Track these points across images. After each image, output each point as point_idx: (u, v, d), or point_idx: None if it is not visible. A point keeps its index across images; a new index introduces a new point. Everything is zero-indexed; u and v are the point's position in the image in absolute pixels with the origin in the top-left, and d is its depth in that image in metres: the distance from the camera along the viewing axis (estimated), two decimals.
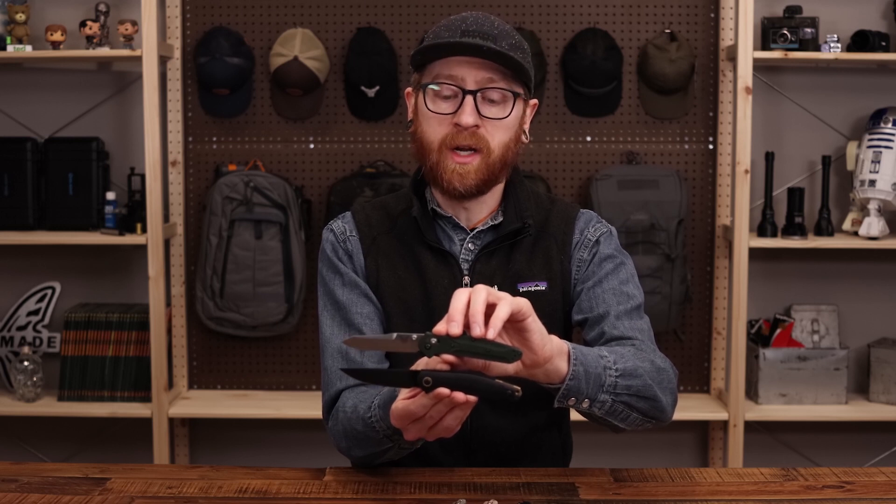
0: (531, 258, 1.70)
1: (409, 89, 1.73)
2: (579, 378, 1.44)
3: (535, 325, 1.37)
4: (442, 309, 1.65)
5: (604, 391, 1.47)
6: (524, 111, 1.69)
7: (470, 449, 1.70)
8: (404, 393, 1.40)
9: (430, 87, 1.63)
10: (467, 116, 1.60)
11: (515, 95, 1.64)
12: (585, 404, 1.47)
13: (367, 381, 1.58)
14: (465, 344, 1.32)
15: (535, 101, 1.72)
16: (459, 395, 1.33)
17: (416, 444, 1.52)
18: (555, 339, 1.42)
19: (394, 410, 1.41)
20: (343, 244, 1.74)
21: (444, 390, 1.32)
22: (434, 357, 1.35)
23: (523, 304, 1.35)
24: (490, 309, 1.33)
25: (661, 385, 1.55)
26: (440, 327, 1.32)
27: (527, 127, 1.72)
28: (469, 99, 1.61)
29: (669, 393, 1.57)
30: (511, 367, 1.37)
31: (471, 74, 1.61)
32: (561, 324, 1.71)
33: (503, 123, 1.64)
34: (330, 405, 1.68)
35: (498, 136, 1.64)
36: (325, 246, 1.76)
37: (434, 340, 1.32)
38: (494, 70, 1.61)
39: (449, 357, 1.33)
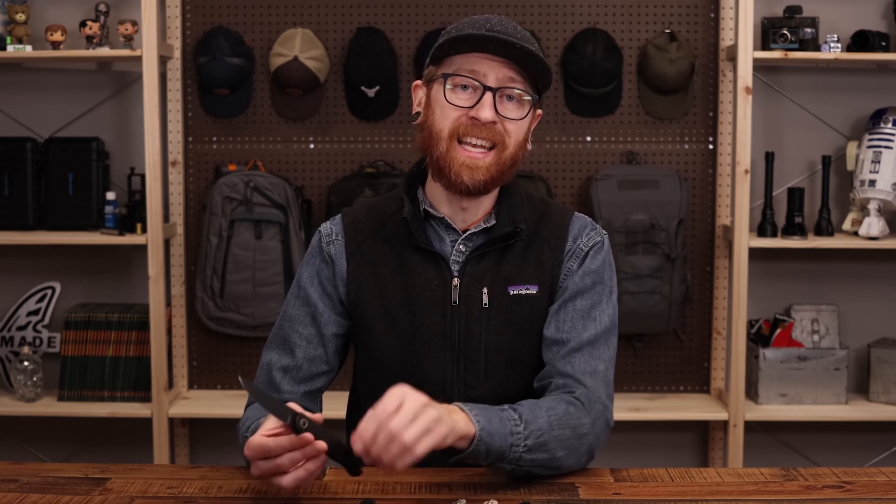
0: (523, 262, 1.70)
1: (417, 82, 1.72)
2: (478, 454, 1.46)
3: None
4: (426, 310, 1.67)
5: (505, 462, 1.50)
6: (532, 119, 1.70)
7: None
8: (266, 430, 1.42)
9: (452, 78, 1.62)
10: (486, 112, 1.61)
11: (533, 99, 1.65)
12: (484, 464, 1.50)
13: (256, 399, 1.61)
14: (330, 439, 1.40)
15: (539, 111, 1.73)
16: (321, 444, 1.38)
17: None
18: (460, 423, 1.42)
19: (250, 442, 1.43)
20: (327, 246, 1.75)
21: (309, 435, 1.38)
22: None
23: (443, 437, 1.39)
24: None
25: (575, 451, 1.56)
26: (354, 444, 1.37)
27: (530, 136, 1.72)
28: (489, 95, 1.61)
29: (585, 454, 1.58)
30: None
31: (493, 71, 1.61)
32: None
33: (517, 124, 1.64)
34: (245, 411, 1.73)
35: (513, 136, 1.65)
36: (308, 249, 1.79)
37: (306, 421, 1.39)
38: (515, 71, 1.62)
39: (310, 437, 1.39)
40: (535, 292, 1.69)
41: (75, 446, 3.36)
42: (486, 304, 1.67)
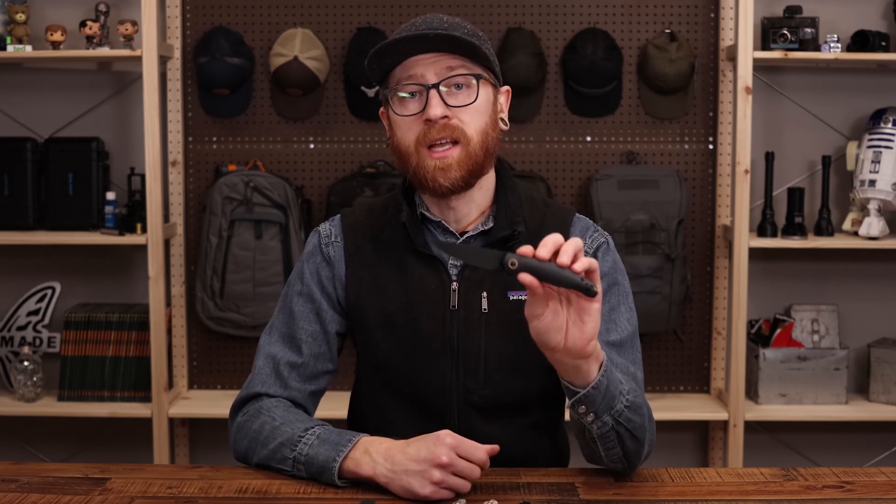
0: None
1: (381, 109, 1.71)
2: (600, 390, 1.45)
3: (597, 312, 1.37)
4: (425, 315, 1.66)
5: (610, 414, 1.48)
6: (495, 97, 1.67)
7: None
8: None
9: (395, 92, 1.63)
10: (434, 109, 1.59)
11: (478, 78, 1.62)
12: (590, 418, 1.47)
13: (453, 254, 1.58)
14: (549, 268, 1.32)
15: (506, 87, 1.71)
16: (477, 472, 1.38)
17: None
18: (597, 341, 1.42)
19: (474, 443, 1.48)
20: (326, 248, 1.74)
21: (527, 277, 1.32)
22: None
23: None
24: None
25: (649, 433, 1.56)
26: (526, 250, 1.33)
27: (504, 115, 1.70)
28: (433, 92, 1.60)
29: (649, 444, 1.58)
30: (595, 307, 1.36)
31: (430, 69, 1.60)
32: None
33: (473, 108, 1.62)
34: (244, 401, 1.69)
35: (473, 123, 1.62)
36: (306, 247, 1.77)
37: (516, 260, 1.32)
38: (452, 59, 1.60)
39: (528, 277, 1.32)
40: None
41: (75, 446, 3.36)
42: (485, 310, 1.65)
